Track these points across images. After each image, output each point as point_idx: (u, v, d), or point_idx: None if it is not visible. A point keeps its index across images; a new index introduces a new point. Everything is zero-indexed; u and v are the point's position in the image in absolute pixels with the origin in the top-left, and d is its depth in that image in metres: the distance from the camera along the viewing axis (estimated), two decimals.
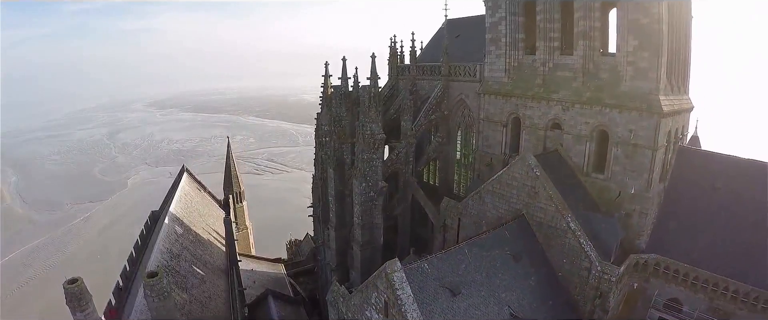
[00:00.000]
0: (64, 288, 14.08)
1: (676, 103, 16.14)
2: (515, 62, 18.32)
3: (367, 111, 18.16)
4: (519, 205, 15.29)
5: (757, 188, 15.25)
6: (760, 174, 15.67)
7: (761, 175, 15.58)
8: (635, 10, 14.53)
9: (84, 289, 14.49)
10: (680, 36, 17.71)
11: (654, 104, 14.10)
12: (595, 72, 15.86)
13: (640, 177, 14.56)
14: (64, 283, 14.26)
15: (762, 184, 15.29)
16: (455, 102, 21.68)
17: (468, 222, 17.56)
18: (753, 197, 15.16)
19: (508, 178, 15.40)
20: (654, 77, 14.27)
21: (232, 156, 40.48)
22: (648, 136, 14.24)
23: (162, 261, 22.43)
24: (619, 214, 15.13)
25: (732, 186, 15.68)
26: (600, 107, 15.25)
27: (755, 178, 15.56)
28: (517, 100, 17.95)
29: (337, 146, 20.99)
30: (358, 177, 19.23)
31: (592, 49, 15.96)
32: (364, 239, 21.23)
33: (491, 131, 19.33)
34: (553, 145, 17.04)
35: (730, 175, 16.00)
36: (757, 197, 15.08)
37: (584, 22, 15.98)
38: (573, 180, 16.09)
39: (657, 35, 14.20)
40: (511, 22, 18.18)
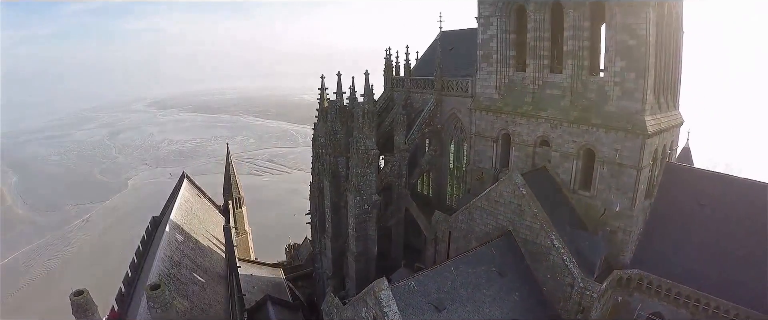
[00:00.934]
0: (70, 299, 14.69)
1: (663, 121, 16.56)
2: (506, 79, 18.75)
3: (361, 127, 18.63)
4: (506, 222, 15.73)
5: (742, 206, 15.66)
6: (745, 191, 16.10)
7: (746, 193, 16.00)
8: (623, 31, 14.93)
9: (90, 300, 15.09)
10: (670, 52, 18.10)
11: (639, 125, 14.51)
12: (582, 91, 16.29)
13: (625, 196, 14.98)
14: (71, 295, 14.88)
15: (747, 202, 15.70)
16: (448, 116, 22.11)
17: (458, 235, 18.01)
18: (737, 215, 15.56)
19: (495, 196, 15.85)
20: (640, 98, 14.68)
21: (231, 162, 40.97)
22: (633, 156, 14.65)
23: (163, 269, 22.94)
24: (604, 231, 15.54)
25: (717, 204, 16.06)
26: (587, 126, 15.67)
27: (740, 196, 15.97)
28: (507, 116, 18.37)
29: (332, 159, 21.45)
30: (352, 191, 19.69)
31: (581, 68, 16.39)
32: (359, 250, 21.73)
33: (482, 146, 19.77)
34: (542, 162, 17.47)
35: (715, 193, 16.39)
36: (742, 215, 15.49)
37: (573, 42, 16.41)
38: (560, 197, 16.53)
39: (643, 57, 14.59)
40: (502, 40, 18.61)
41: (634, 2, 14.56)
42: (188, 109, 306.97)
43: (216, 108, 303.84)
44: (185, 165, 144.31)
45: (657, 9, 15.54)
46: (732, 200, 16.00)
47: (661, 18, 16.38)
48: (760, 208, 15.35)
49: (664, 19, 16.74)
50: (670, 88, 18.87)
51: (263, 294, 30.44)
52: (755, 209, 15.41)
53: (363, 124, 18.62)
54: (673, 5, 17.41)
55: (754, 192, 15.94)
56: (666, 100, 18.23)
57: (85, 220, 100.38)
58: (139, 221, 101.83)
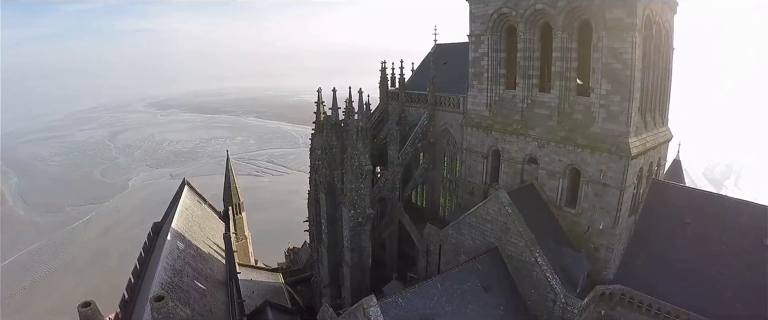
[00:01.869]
0: (78, 311, 15.30)
1: (649, 140, 17.00)
2: (496, 96, 19.28)
3: (354, 144, 19.18)
4: (492, 238, 16.27)
5: (724, 224, 16.07)
6: (728, 210, 16.51)
7: (729, 212, 16.41)
8: (609, 54, 15.37)
9: (97, 311, 15.73)
10: (659, 70, 18.56)
11: (623, 147, 14.99)
12: (570, 112, 16.79)
13: (608, 215, 15.50)
14: (79, 306, 15.52)
15: (729, 221, 16.11)
16: (441, 130, 22.65)
17: (448, 248, 18.58)
18: (719, 233, 15.97)
19: (483, 213, 16.40)
20: (625, 120, 15.14)
21: (231, 169, 41.49)
22: (616, 177, 15.15)
23: (166, 278, 23.61)
24: (588, 248, 16.09)
25: (701, 222, 16.45)
26: (573, 147, 16.17)
27: (723, 214, 16.36)
28: (497, 134, 18.89)
29: (328, 172, 22.01)
30: (347, 205, 20.26)
31: (569, 89, 16.90)
32: (354, 261, 22.33)
33: (473, 161, 20.30)
34: (529, 179, 18.00)
35: (699, 210, 16.79)
36: (724, 233, 15.90)
37: (561, 62, 16.90)
38: (546, 214, 17.07)
39: (629, 81, 15.01)
40: (493, 58, 19.12)
41: (620, 26, 14.97)
42: (188, 109, 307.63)
43: (216, 108, 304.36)
44: (185, 166, 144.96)
45: (644, 31, 15.99)
46: (716, 218, 16.37)
47: (648, 39, 16.81)
48: (744, 227, 15.77)
49: (652, 39, 17.18)
50: (659, 105, 19.32)
51: (263, 300, 31.02)
52: (739, 227, 15.83)
53: (357, 141, 19.17)
54: (663, 25, 17.83)
55: (738, 211, 16.38)
56: (654, 117, 18.71)
57: (86, 221, 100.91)
58: (140, 222, 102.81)
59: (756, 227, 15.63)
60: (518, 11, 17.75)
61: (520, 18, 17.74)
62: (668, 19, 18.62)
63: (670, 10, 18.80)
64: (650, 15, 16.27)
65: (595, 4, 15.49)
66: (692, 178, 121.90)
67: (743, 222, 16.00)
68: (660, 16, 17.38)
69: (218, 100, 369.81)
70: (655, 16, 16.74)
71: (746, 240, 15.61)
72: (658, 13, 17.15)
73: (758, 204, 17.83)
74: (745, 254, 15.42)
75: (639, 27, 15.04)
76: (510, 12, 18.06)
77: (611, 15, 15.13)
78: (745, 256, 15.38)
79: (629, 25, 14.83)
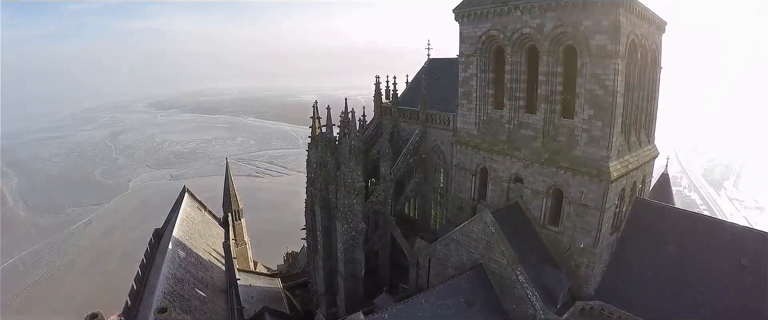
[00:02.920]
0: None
1: (632, 161, 17.53)
2: (485, 116, 19.92)
3: (347, 162, 19.88)
4: (477, 255, 16.96)
5: (704, 244, 16.52)
6: (708, 230, 17.00)
7: (709, 232, 16.91)
8: (592, 80, 15.86)
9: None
10: (645, 91, 19.06)
11: (603, 171, 15.58)
12: (554, 134, 17.42)
13: (589, 234, 16.16)
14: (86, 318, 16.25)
15: (708, 240, 16.58)
16: (432, 146, 23.32)
17: (436, 262, 19.28)
18: (699, 252, 16.42)
19: (468, 231, 17.10)
20: (606, 145, 15.68)
21: (230, 176, 42.15)
22: (597, 199, 15.76)
23: (168, 287, 24.44)
24: (570, 265, 16.78)
25: (681, 241, 16.93)
26: (556, 168, 16.78)
27: (703, 234, 16.83)
28: (484, 152, 19.52)
29: (323, 187, 22.72)
30: (340, 219, 20.97)
31: (553, 111, 17.50)
32: (347, 272, 23.05)
33: (462, 178, 20.96)
34: (515, 197, 18.66)
35: (680, 230, 17.25)
36: (703, 253, 16.36)
37: (546, 86, 17.52)
38: (530, 231, 17.76)
39: (610, 107, 15.49)
40: (482, 79, 19.76)
41: (603, 53, 15.40)
42: (188, 109, 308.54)
43: (216, 108, 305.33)
44: (185, 167, 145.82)
45: (629, 56, 16.41)
46: (696, 238, 16.80)
47: (633, 63, 17.28)
48: (723, 247, 16.22)
49: (637, 63, 17.66)
50: (645, 125, 19.82)
51: (262, 305, 31.75)
52: (718, 247, 16.27)
53: (350, 159, 19.87)
54: (649, 46, 18.29)
55: (717, 231, 16.89)
56: (639, 137, 19.26)
57: (86, 223, 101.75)
58: (140, 224, 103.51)
59: (734, 247, 16.08)
60: (506, 34, 18.36)
61: (507, 41, 18.35)
62: (655, 39, 19.07)
63: (657, 30, 19.23)
64: (635, 40, 16.77)
65: (579, 30, 15.96)
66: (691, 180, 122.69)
67: (722, 242, 16.45)
68: (646, 38, 17.85)
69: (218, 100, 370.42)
70: (640, 39, 17.23)
71: (725, 260, 16.04)
72: (644, 36, 17.63)
73: (737, 224, 18.51)
74: (723, 274, 15.82)
75: (622, 54, 15.50)
76: (498, 34, 18.67)
77: (595, 42, 15.63)
78: (723, 276, 15.79)
79: (612, 52, 15.31)
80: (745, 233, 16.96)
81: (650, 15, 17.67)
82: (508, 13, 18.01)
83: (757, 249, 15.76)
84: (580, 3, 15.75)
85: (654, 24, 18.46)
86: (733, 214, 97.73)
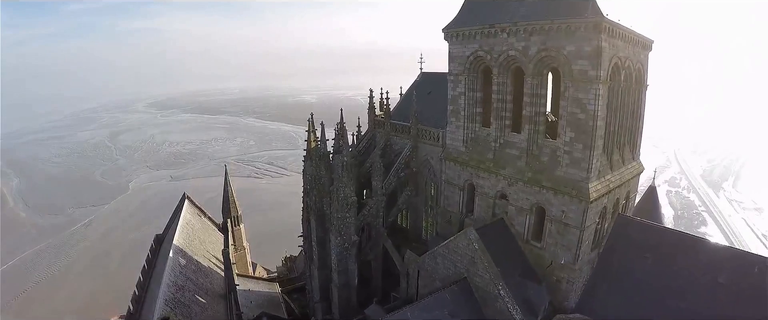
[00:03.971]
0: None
1: (614, 180, 17.97)
2: (472, 134, 20.61)
3: (340, 177, 20.62)
4: (462, 269, 17.69)
5: (683, 261, 16.85)
6: (687, 247, 17.36)
7: (688, 248, 17.28)
8: (574, 104, 16.32)
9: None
10: (629, 110, 19.27)
11: (583, 192, 16.15)
12: (537, 154, 18.08)
13: (569, 251, 16.84)
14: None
15: (688, 257, 16.91)
16: (423, 160, 24.04)
17: (425, 274, 20.03)
18: (678, 269, 16.76)
19: (454, 246, 17.84)
20: (586, 167, 16.21)
21: (229, 182, 42.84)
22: (576, 218, 16.39)
23: (169, 294, 25.44)
24: (552, 279, 17.50)
25: (661, 257, 17.27)
26: (539, 188, 17.44)
27: (683, 251, 17.18)
28: (472, 169, 20.20)
29: (318, 199, 23.48)
30: (333, 232, 21.74)
31: (537, 132, 18.11)
32: (341, 281, 23.85)
33: (450, 192, 21.67)
34: (500, 212, 19.37)
35: (660, 246, 17.60)
36: (682, 270, 16.70)
37: (531, 107, 18.14)
38: (514, 246, 18.47)
39: (591, 131, 15.94)
40: (470, 98, 20.43)
41: (584, 78, 15.82)
42: (188, 109, 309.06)
43: (216, 109, 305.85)
44: (185, 167, 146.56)
45: (611, 80, 16.77)
46: (676, 254, 17.14)
47: (616, 85, 17.55)
48: (702, 264, 16.55)
49: (620, 85, 17.90)
50: (630, 141, 20.12)
51: (260, 310, 32.52)
52: (696, 264, 16.61)
53: (342, 175, 20.61)
54: (634, 66, 18.52)
55: (696, 248, 17.24)
56: (622, 155, 19.52)
57: (87, 224, 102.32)
58: (140, 225, 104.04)
59: (713, 265, 16.39)
60: (493, 55, 18.97)
61: (494, 62, 18.97)
62: (640, 59, 19.21)
63: (643, 50, 19.39)
64: (619, 62, 17.05)
65: (562, 55, 16.39)
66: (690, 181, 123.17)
67: (701, 259, 16.78)
68: (630, 59, 18.06)
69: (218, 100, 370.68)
70: (624, 62, 17.49)
71: (703, 277, 16.36)
72: (629, 57, 17.87)
73: (715, 243, 18.96)
74: (701, 291, 16.12)
75: (603, 79, 15.87)
76: (485, 55, 19.29)
77: (577, 66, 16.03)
78: (701, 293, 16.08)
79: (593, 78, 15.68)
80: (723, 251, 17.43)
81: (635, 36, 17.99)
82: (495, 35, 18.58)
83: (735, 267, 16.14)
84: (564, 28, 16.15)
85: (639, 44, 18.74)
86: (732, 215, 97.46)
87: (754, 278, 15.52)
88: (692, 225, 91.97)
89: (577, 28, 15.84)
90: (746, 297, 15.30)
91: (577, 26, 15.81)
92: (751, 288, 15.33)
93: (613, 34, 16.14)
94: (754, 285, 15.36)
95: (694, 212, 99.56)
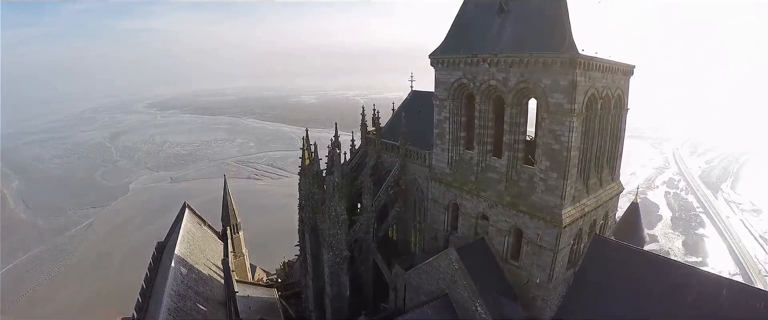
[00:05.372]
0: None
1: (590, 203, 18.75)
2: (456, 156, 21.71)
3: (331, 197, 21.79)
4: (444, 286, 18.90)
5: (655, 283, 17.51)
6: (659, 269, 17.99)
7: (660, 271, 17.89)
8: (549, 135, 17.15)
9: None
10: (608, 134, 20.00)
11: (556, 218, 17.09)
12: (516, 179, 19.10)
13: (544, 271, 17.94)
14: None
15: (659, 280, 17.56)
16: (411, 179, 25.21)
17: (411, 288, 21.29)
18: (650, 290, 17.43)
19: (436, 265, 19.05)
20: (560, 194, 17.11)
21: (229, 192, 43.91)
22: (550, 241, 17.42)
23: (172, 304, 26.67)
24: (528, 297, 18.66)
25: (634, 278, 18.01)
26: (516, 211, 18.51)
27: (655, 273, 17.82)
28: (455, 190, 21.28)
29: (311, 215, 24.68)
30: (326, 247, 22.94)
31: (516, 158, 19.06)
32: (334, 293, 25.06)
33: (436, 211, 22.79)
34: (482, 232, 20.50)
35: (634, 267, 18.36)
36: (653, 291, 17.39)
37: (510, 135, 19.09)
38: (493, 264, 19.59)
39: (565, 161, 16.78)
40: (454, 122, 21.46)
41: (559, 111, 16.59)
42: (188, 110, 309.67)
43: (216, 109, 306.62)
44: (185, 169, 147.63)
45: (588, 110, 17.63)
46: (648, 276, 17.83)
47: (593, 115, 18.32)
48: (672, 286, 17.23)
49: (597, 113, 18.60)
50: (609, 163, 20.89)
51: (259, 316, 33.78)
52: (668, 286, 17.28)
53: (334, 195, 21.78)
54: (613, 93, 19.17)
55: (667, 270, 17.91)
56: (600, 177, 20.29)
57: (87, 225, 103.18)
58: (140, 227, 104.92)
59: (683, 287, 17.07)
60: (475, 83, 19.87)
61: (476, 90, 19.89)
62: (620, 86, 19.73)
63: (624, 75, 19.92)
64: (595, 93, 17.69)
65: (539, 87, 17.19)
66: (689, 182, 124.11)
67: (672, 281, 17.43)
68: (609, 88, 18.65)
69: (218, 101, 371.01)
70: (601, 92, 18.11)
71: (673, 299, 17.04)
72: (607, 86, 18.47)
73: (687, 265, 19.58)
74: (670, 311, 16.80)
75: (578, 111, 16.53)
76: (468, 83, 20.20)
77: (553, 99, 16.75)
78: (670, 313, 16.77)
79: (568, 111, 16.34)
80: (694, 274, 18.00)
81: (614, 65, 18.49)
82: (477, 65, 19.43)
83: (703, 290, 16.83)
84: (541, 62, 16.91)
85: (619, 72, 19.25)
86: (730, 217, 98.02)
87: (721, 299, 16.26)
88: (690, 226, 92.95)
89: (553, 63, 16.58)
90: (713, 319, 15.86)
91: (553, 61, 16.57)
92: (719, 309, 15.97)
93: (589, 68, 16.76)
94: (721, 306, 16.03)
95: (692, 213, 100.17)
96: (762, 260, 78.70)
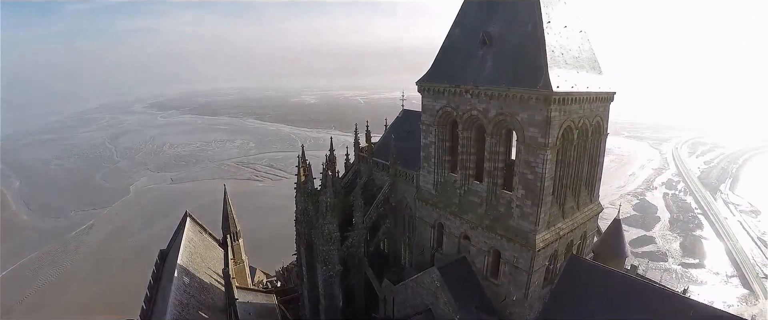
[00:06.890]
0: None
1: (565, 227, 19.96)
2: (442, 178, 23.13)
3: (324, 215, 23.29)
4: (427, 301, 20.47)
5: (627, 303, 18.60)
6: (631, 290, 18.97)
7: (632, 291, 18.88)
8: (525, 165, 18.30)
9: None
10: (587, 159, 21.06)
11: (530, 242, 18.38)
12: (495, 204, 20.48)
13: (520, 290, 19.33)
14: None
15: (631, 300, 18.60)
16: (401, 197, 26.66)
17: (398, 301, 22.83)
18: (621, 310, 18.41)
19: (421, 281, 20.61)
20: (534, 221, 18.36)
21: (229, 200, 45.25)
22: (526, 263, 18.80)
23: (175, 313, 28.06)
24: (506, 313, 20.13)
25: (605, 296, 19.25)
26: (494, 234, 19.91)
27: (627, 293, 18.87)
28: (440, 211, 22.72)
29: (306, 231, 26.16)
30: (319, 262, 24.44)
31: (495, 184, 20.44)
32: (327, 304, 26.57)
33: (423, 229, 24.23)
34: (464, 251, 21.97)
35: (605, 287, 19.56)
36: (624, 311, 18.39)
37: (490, 163, 20.42)
38: (474, 282, 21.05)
39: (539, 191, 17.94)
40: (439, 147, 22.83)
41: (534, 144, 17.71)
42: (188, 110, 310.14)
43: (216, 110, 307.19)
44: (186, 170, 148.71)
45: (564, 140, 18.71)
46: (619, 294, 18.99)
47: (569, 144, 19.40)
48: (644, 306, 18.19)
49: (573, 142, 19.66)
50: (587, 185, 21.96)
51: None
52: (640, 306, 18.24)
53: (326, 213, 23.27)
54: (591, 122, 20.16)
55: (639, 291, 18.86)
56: (578, 200, 21.41)
57: (88, 227, 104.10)
58: (141, 229, 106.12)
59: (651, 305, 18.10)
60: (458, 112, 21.09)
61: (459, 118, 21.19)
62: (599, 113, 20.66)
63: (602, 104, 20.83)
64: (572, 125, 18.76)
65: (516, 120, 18.35)
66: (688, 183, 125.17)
67: (640, 299, 18.52)
68: (587, 117, 19.64)
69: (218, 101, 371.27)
70: (578, 122, 19.11)
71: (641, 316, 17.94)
72: (585, 116, 19.44)
73: (655, 285, 20.16)
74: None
75: (552, 145, 17.60)
76: (452, 111, 21.50)
77: (529, 133, 17.87)
78: None
79: (542, 145, 17.43)
80: (660, 293, 19.06)
81: (592, 95, 19.48)
82: (460, 95, 20.62)
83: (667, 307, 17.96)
84: (518, 97, 18.02)
85: (598, 100, 20.20)
86: (728, 218, 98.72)
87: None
88: (688, 228, 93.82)
89: (529, 98, 17.66)
90: None
91: (529, 97, 17.65)
92: None
93: (565, 102, 17.77)
94: None
95: (690, 215, 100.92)
96: (760, 262, 79.07)
